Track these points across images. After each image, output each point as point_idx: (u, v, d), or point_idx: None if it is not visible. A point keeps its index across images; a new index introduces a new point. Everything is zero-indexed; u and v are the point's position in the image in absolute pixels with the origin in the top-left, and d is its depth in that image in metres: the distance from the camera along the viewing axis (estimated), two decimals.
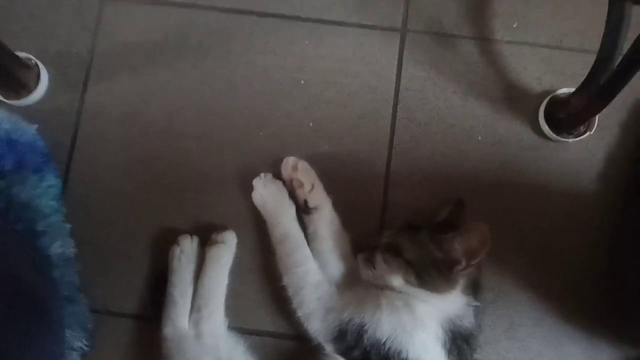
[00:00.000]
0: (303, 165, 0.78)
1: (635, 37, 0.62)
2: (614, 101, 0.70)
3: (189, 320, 0.73)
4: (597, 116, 0.80)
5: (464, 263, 0.64)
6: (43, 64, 0.84)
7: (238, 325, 0.76)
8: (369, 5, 0.87)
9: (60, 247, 0.74)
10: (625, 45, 0.65)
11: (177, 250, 0.76)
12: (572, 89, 0.78)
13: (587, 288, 0.79)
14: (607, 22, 0.69)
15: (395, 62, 0.86)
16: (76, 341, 0.71)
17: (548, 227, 0.80)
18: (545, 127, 0.82)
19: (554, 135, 0.82)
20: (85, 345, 0.72)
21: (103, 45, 0.86)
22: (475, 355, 0.70)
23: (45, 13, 0.87)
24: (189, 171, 0.82)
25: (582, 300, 0.78)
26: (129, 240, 0.80)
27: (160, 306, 0.75)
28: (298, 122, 0.83)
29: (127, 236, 0.80)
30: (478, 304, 0.68)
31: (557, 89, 0.83)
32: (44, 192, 0.75)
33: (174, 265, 0.76)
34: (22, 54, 0.83)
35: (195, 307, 0.74)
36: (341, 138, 0.83)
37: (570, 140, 0.82)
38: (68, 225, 0.77)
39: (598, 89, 0.71)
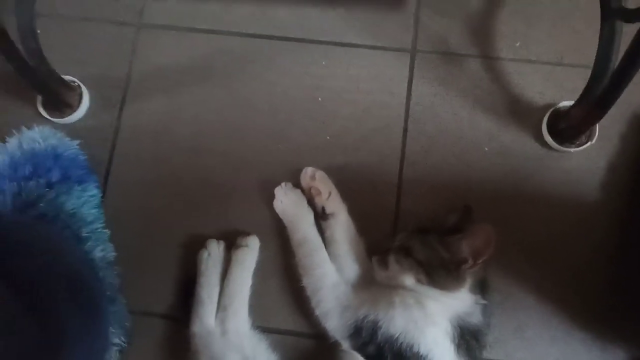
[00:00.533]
0: (320, 174, 0.82)
1: (624, 52, 0.67)
2: (613, 113, 0.73)
3: (216, 318, 0.78)
4: (597, 127, 0.84)
5: (470, 262, 0.68)
6: (85, 86, 0.91)
7: (261, 324, 0.79)
8: (380, 28, 0.93)
9: (102, 251, 0.79)
10: (618, 60, 0.69)
11: (205, 254, 0.81)
12: (572, 102, 0.82)
13: (591, 290, 0.81)
14: (600, 39, 0.74)
15: (406, 80, 0.91)
16: (115, 337, 0.76)
17: (553, 232, 0.83)
18: (548, 138, 0.86)
19: (557, 146, 0.85)
20: (123, 342, 0.77)
21: (138, 70, 0.93)
22: (485, 354, 0.73)
23: (88, 42, 0.95)
24: (216, 183, 0.87)
25: (587, 302, 0.81)
26: (161, 246, 0.85)
27: (190, 306, 0.79)
28: (316, 136, 0.88)
29: (159, 242, 0.85)
30: (485, 302, 0.71)
31: (558, 102, 0.86)
32: (86, 201, 0.81)
33: (202, 268, 0.81)
34: (67, 77, 0.90)
35: (221, 306, 0.78)
36: (356, 150, 0.88)
37: (573, 150, 0.85)
38: (107, 231, 0.83)
39: (595, 100, 0.75)
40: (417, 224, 0.78)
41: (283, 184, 0.83)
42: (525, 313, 0.81)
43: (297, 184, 0.84)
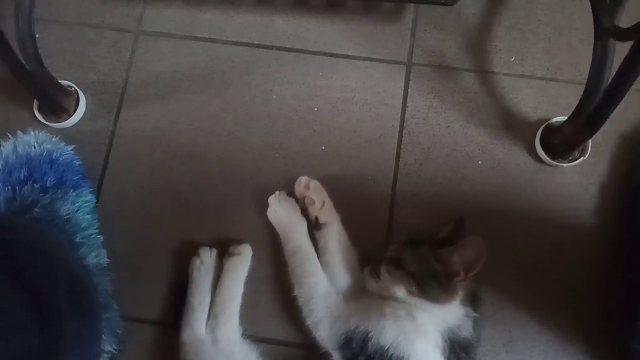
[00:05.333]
0: (315, 184, 0.82)
1: (616, 70, 0.68)
2: (606, 130, 0.76)
3: (206, 326, 0.77)
4: (590, 142, 0.85)
5: (462, 275, 0.68)
6: (82, 91, 0.91)
7: (251, 333, 0.79)
8: (377, 40, 0.94)
9: (96, 257, 0.79)
10: (610, 78, 0.70)
11: (197, 261, 0.81)
12: (565, 117, 0.83)
13: (583, 306, 0.81)
14: (593, 57, 0.75)
15: (401, 92, 0.92)
16: (107, 345, 0.75)
17: (544, 246, 0.84)
18: (541, 153, 0.86)
19: (550, 160, 0.86)
20: (114, 349, 0.77)
21: (136, 76, 0.94)
22: None
23: (86, 48, 0.95)
24: (210, 190, 0.87)
25: (578, 317, 0.81)
26: (154, 253, 0.85)
27: (181, 313, 0.79)
28: (311, 145, 0.89)
29: (152, 249, 0.85)
30: (476, 315, 0.71)
31: (551, 118, 0.87)
32: (81, 206, 0.81)
33: (194, 275, 0.80)
34: (64, 82, 0.90)
35: (212, 314, 0.78)
36: (350, 160, 0.88)
37: (565, 165, 0.86)
38: (101, 237, 0.82)
39: (587, 117, 0.76)
40: (410, 236, 0.78)
41: (277, 192, 0.83)
42: (517, 326, 0.81)
43: (291, 193, 0.84)
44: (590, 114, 0.76)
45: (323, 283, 0.77)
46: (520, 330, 0.81)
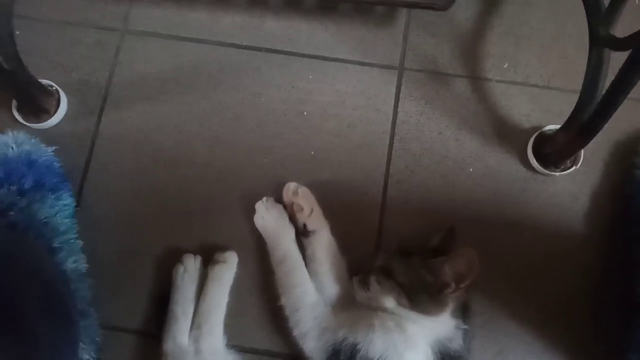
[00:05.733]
0: (303, 190, 0.81)
1: (612, 80, 0.67)
2: (598, 138, 0.73)
3: (189, 336, 0.75)
4: (582, 151, 0.84)
5: (453, 286, 0.67)
6: (64, 91, 0.89)
7: (236, 343, 0.77)
8: (369, 45, 0.93)
9: (74, 262, 0.77)
10: (605, 86, 0.69)
11: (180, 269, 0.79)
12: (558, 126, 0.82)
13: (574, 317, 0.80)
14: (588, 66, 0.74)
15: (393, 97, 0.90)
16: (85, 354, 0.73)
17: (536, 256, 0.83)
18: (533, 161, 0.85)
19: (542, 169, 0.85)
20: (94, 358, 0.74)
21: (120, 76, 0.91)
22: None
23: (69, 47, 0.92)
24: (196, 195, 0.85)
25: (569, 328, 0.80)
26: (136, 259, 0.83)
27: (163, 322, 0.77)
28: (300, 150, 0.87)
29: (134, 255, 0.83)
30: (467, 327, 0.70)
31: (544, 126, 0.86)
32: (60, 210, 0.78)
33: (177, 283, 0.78)
34: (45, 81, 0.88)
35: (195, 324, 0.76)
36: (340, 166, 0.86)
37: (557, 173, 0.85)
38: (80, 242, 0.80)
39: (580, 127, 0.75)
40: (400, 244, 0.77)
41: (264, 198, 0.81)
42: (507, 337, 0.80)
43: (279, 199, 0.82)
44: (583, 124, 0.75)
45: (311, 293, 0.76)
46: (511, 340, 0.80)
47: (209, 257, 0.81)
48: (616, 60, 0.65)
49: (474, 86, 0.91)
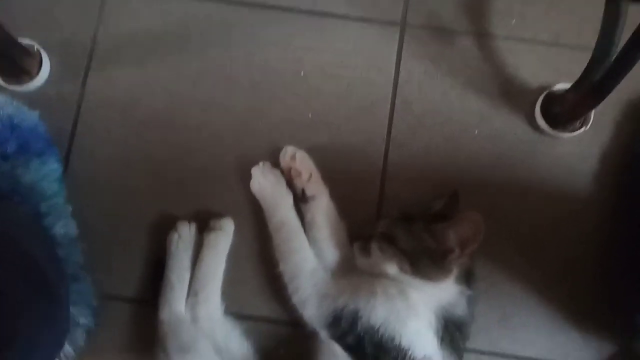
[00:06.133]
0: (301, 154, 0.78)
1: (630, 36, 0.63)
2: (609, 98, 0.71)
3: (186, 304, 0.74)
4: (592, 112, 0.81)
5: (457, 252, 0.66)
6: (46, 51, 0.85)
7: (234, 311, 0.76)
8: None
9: (63, 227, 0.75)
10: (621, 43, 0.65)
11: (175, 236, 0.77)
12: (568, 85, 0.79)
13: (579, 281, 0.79)
14: (603, 20, 0.69)
15: (394, 56, 0.86)
16: (81, 317, 0.72)
17: (542, 220, 0.81)
18: (541, 122, 0.83)
19: (550, 131, 0.82)
20: (91, 322, 0.73)
21: (105, 35, 0.87)
22: (467, 344, 0.71)
23: (50, 4, 0.87)
24: (189, 160, 0.83)
25: (573, 293, 0.79)
26: (129, 226, 0.81)
27: (159, 290, 0.75)
28: (297, 113, 0.84)
29: (127, 222, 0.81)
30: (471, 292, 0.69)
31: (553, 85, 0.83)
32: (46, 174, 0.76)
33: (172, 250, 0.77)
34: (25, 41, 0.83)
35: (192, 291, 0.75)
36: (339, 129, 0.84)
37: (566, 135, 0.82)
38: (69, 207, 0.78)
39: (592, 86, 0.72)
40: (402, 210, 0.75)
41: (261, 163, 0.79)
42: (511, 302, 0.79)
43: (276, 164, 0.80)
44: (595, 83, 0.71)
45: (310, 259, 0.74)
46: (515, 305, 0.79)
47: (204, 224, 0.79)
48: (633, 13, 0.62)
49: (480, 44, 0.87)
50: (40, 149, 0.78)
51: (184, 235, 0.77)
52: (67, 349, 0.70)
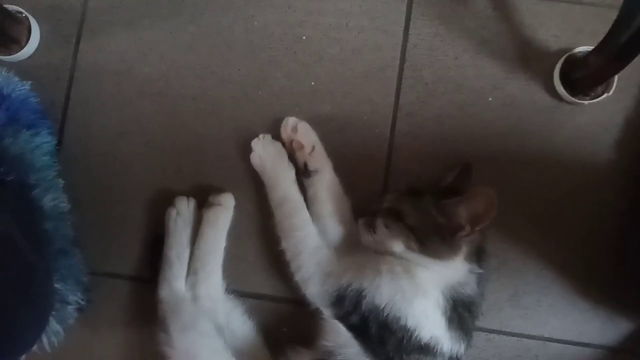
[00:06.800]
0: (303, 126, 0.76)
1: None
2: (635, 62, 0.66)
3: (186, 282, 0.73)
4: (615, 77, 0.76)
5: (467, 229, 0.63)
6: (34, 18, 0.82)
7: (236, 288, 0.76)
8: None
9: (53, 200, 0.73)
10: None
11: (173, 212, 0.76)
12: (591, 47, 0.74)
13: (595, 258, 0.77)
14: None
15: (403, 17, 0.82)
16: (71, 295, 0.71)
17: (558, 194, 0.78)
18: (560, 88, 0.78)
19: (569, 97, 0.78)
20: (82, 300, 0.72)
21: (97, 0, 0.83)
22: (477, 323, 0.69)
23: None
24: (186, 132, 0.80)
25: (589, 270, 0.76)
26: (126, 201, 0.79)
27: (158, 268, 0.74)
28: (299, 81, 0.81)
29: (124, 197, 0.79)
30: (481, 271, 0.66)
31: (574, 47, 0.78)
32: (37, 147, 0.74)
33: (170, 227, 0.75)
34: (12, 7, 0.80)
35: (192, 269, 0.73)
36: (344, 98, 0.80)
37: (587, 102, 0.78)
38: (62, 181, 0.76)
39: (618, 48, 0.67)
40: (410, 184, 0.72)
41: (261, 135, 0.77)
42: (523, 279, 0.77)
43: (277, 136, 0.77)
44: (621, 45, 0.67)
45: (313, 236, 0.72)
46: (527, 283, 0.77)
47: (203, 199, 0.77)
48: None
49: (495, 2, 0.82)
50: (32, 121, 0.76)
51: (183, 211, 0.76)
52: (56, 327, 0.69)
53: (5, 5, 0.78)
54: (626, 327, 0.75)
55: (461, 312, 0.65)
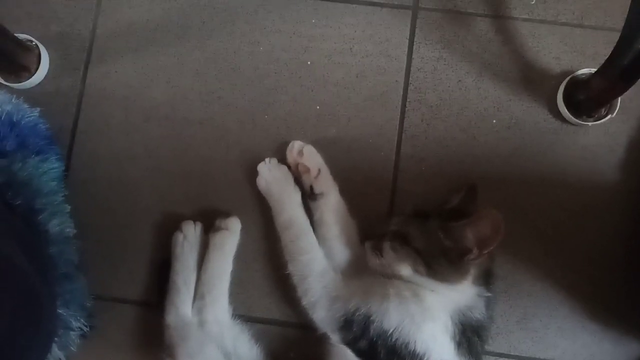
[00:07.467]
0: (309, 149, 0.76)
1: None
2: (637, 82, 0.66)
3: (193, 307, 0.73)
4: (619, 98, 0.76)
5: (475, 252, 0.62)
6: (44, 45, 0.83)
7: (243, 313, 0.75)
8: None
9: (59, 225, 0.73)
10: None
11: (180, 237, 0.75)
12: (593, 70, 0.75)
13: (603, 279, 0.76)
14: None
15: (406, 42, 0.82)
16: (74, 321, 0.70)
17: (564, 215, 0.77)
18: (564, 110, 0.78)
19: (573, 119, 0.78)
20: (85, 325, 0.72)
21: (104, 26, 0.85)
22: (487, 347, 0.68)
23: None
24: (193, 156, 0.81)
25: (598, 291, 0.76)
26: (132, 226, 0.79)
27: (164, 293, 0.74)
28: (304, 105, 0.81)
29: (131, 221, 0.79)
30: (490, 294, 0.66)
31: (577, 70, 0.79)
32: (45, 172, 0.75)
33: (177, 252, 0.75)
34: (22, 36, 0.82)
35: (198, 294, 0.73)
36: (349, 121, 0.80)
37: (590, 123, 0.78)
38: (68, 206, 0.76)
39: (621, 70, 0.67)
40: (416, 207, 0.72)
41: (267, 159, 0.77)
42: (532, 302, 0.76)
43: (282, 159, 0.77)
44: (625, 67, 0.67)
45: (319, 260, 0.72)
46: (536, 306, 0.76)
47: (209, 224, 0.77)
48: None
49: (497, 26, 0.83)
50: (41, 147, 0.77)
51: (190, 235, 0.76)
52: (58, 353, 0.68)
53: (16, 34, 0.79)
54: (637, 348, 0.74)
55: (470, 337, 0.64)
